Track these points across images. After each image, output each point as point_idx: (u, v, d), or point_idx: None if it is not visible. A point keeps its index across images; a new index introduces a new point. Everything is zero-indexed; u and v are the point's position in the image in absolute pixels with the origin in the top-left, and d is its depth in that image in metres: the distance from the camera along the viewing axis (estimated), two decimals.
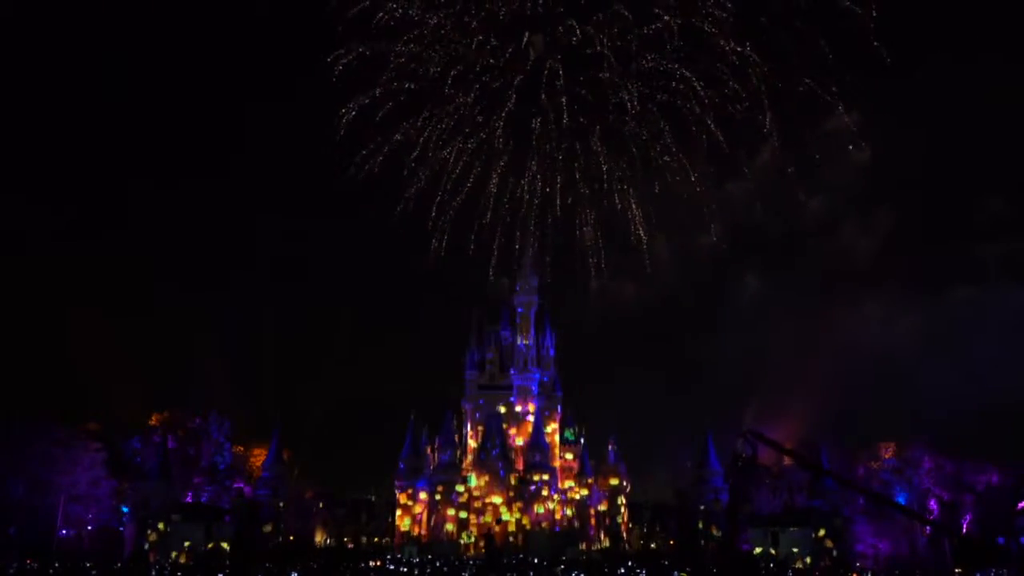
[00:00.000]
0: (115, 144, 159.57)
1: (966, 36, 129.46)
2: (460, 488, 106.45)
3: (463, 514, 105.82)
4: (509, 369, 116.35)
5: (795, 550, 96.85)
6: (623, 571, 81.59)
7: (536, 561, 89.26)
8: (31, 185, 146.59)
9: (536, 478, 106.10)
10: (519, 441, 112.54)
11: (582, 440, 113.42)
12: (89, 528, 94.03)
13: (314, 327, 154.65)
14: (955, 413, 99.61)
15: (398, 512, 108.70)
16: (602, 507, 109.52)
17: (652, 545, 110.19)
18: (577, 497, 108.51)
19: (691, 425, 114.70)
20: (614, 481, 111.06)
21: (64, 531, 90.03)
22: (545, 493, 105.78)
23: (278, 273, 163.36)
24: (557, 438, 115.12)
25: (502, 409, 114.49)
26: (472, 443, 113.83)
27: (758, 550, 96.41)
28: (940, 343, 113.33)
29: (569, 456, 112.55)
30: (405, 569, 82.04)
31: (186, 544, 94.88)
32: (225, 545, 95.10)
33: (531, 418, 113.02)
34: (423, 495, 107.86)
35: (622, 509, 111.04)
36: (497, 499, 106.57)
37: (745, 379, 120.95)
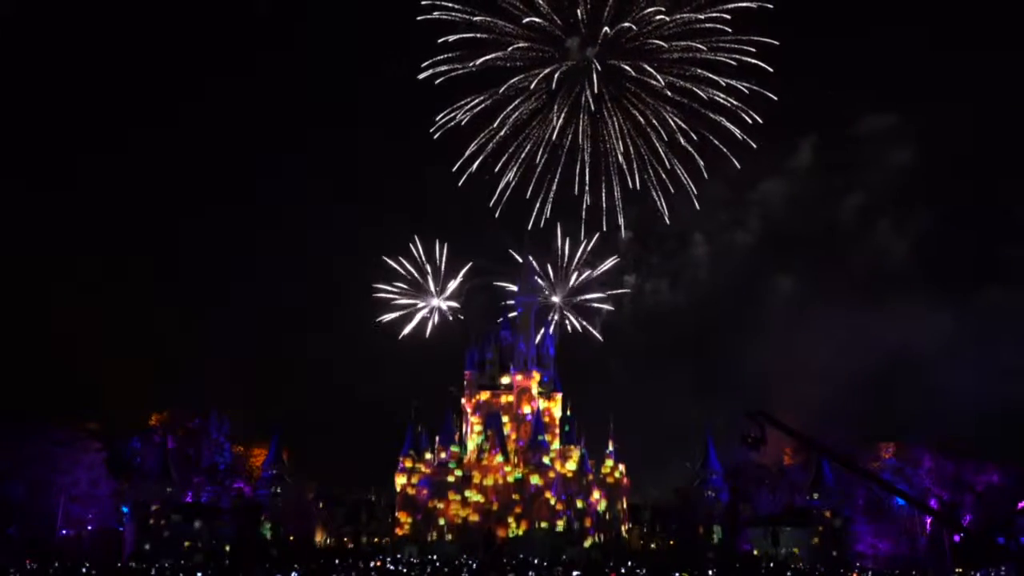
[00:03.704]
0: (116, 144, 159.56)
1: (1005, 39, 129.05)
2: (460, 488, 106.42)
3: (463, 514, 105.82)
4: (509, 369, 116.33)
5: (795, 550, 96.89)
6: (623, 571, 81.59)
7: (536, 561, 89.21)
8: (30, 182, 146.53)
9: (536, 478, 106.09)
10: (519, 441, 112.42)
11: (582, 440, 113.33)
12: (89, 528, 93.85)
13: (314, 326, 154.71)
14: (980, 414, 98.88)
15: (398, 512, 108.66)
16: (602, 507, 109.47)
17: (652, 545, 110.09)
18: (577, 497, 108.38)
19: (692, 425, 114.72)
20: (614, 481, 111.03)
21: (64, 531, 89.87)
22: (545, 493, 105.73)
23: (278, 273, 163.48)
24: (557, 438, 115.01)
25: (502, 409, 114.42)
26: (472, 443, 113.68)
27: (757, 551, 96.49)
28: (969, 344, 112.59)
29: (569, 456, 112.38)
30: (405, 569, 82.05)
31: (186, 544, 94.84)
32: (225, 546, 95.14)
33: (531, 418, 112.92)
34: (423, 495, 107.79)
35: (622, 509, 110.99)
36: (497, 499, 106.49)
37: (756, 379, 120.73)
